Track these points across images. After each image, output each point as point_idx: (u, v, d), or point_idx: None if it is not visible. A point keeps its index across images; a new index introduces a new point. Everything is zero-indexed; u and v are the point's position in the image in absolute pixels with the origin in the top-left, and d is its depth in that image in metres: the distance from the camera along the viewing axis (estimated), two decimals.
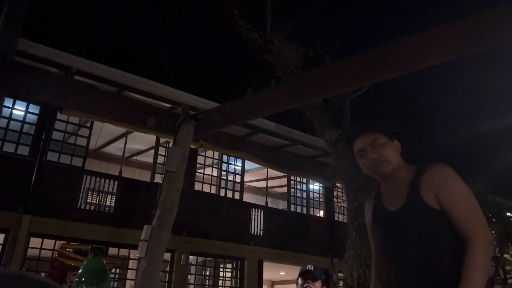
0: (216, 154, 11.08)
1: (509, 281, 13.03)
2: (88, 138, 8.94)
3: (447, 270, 1.54)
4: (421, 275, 1.58)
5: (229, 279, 10.83)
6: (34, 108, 8.41)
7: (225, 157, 11.21)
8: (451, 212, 1.56)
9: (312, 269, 2.81)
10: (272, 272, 12.40)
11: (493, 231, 7.02)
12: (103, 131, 9.10)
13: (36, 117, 8.40)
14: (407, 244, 1.64)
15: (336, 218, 12.80)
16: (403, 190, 1.68)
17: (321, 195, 13.09)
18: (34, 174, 7.98)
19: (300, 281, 2.83)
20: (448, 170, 1.63)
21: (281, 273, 13.06)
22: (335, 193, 13.10)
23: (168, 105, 9.05)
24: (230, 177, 11.21)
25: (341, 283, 11.82)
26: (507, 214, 7.59)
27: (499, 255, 8.12)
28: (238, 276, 10.66)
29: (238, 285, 10.56)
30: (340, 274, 11.44)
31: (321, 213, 13.09)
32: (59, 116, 8.52)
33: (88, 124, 9.07)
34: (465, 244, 1.50)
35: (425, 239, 1.60)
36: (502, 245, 7.19)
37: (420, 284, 1.58)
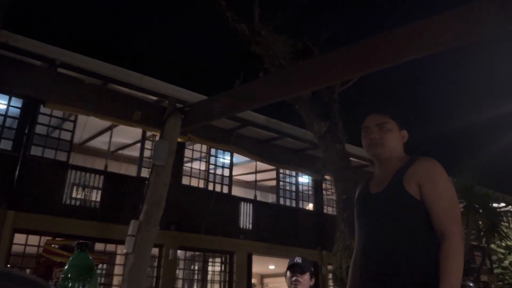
0: (204, 148, 11.00)
1: (495, 271, 13.29)
2: (73, 132, 8.78)
3: (411, 257, 1.58)
4: (385, 258, 1.63)
5: (218, 273, 10.81)
6: (16, 102, 8.21)
7: (213, 151, 11.14)
8: (432, 205, 1.61)
9: (300, 261, 2.79)
10: (262, 265, 12.43)
11: (480, 222, 7.12)
12: (88, 124, 8.95)
13: (18, 110, 8.21)
14: (378, 227, 1.70)
15: (325, 211, 12.86)
16: (388, 177, 1.74)
17: (310, 188, 13.12)
18: (18, 169, 7.82)
19: (288, 274, 2.81)
20: (436, 164, 1.68)
21: (270, 267, 13.10)
22: (324, 185, 13.15)
23: (155, 98, 8.93)
24: (219, 171, 11.15)
25: (330, 275, 11.92)
26: (494, 204, 7.71)
27: (485, 245, 8.26)
28: (227, 270, 10.64)
29: (227, 279, 10.55)
30: (329, 266, 11.53)
31: (310, 206, 13.13)
32: (43, 109, 8.33)
33: (73, 118, 8.90)
34: (440, 238, 1.55)
35: (396, 224, 1.65)
36: (488, 236, 7.30)
37: (382, 267, 1.63)
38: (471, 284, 2.29)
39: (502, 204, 8.82)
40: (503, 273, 13.12)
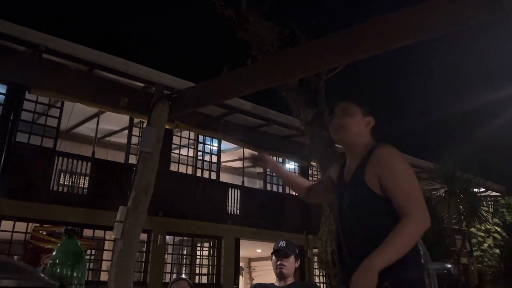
0: (192, 135, 11.00)
1: (474, 253, 13.68)
2: (59, 118, 8.69)
3: (371, 243, 1.59)
4: (354, 245, 1.71)
5: (206, 257, 10.94)
6: (1, 88, 8.08)
7: (201, 138, 11.15)
8: (391, 190, 1.63)
9: (284, 245, 2.86)
10: (249, 249, 12.59)
11: (460, 206, 7.31)
12: (74, 111, 8.87)
13: (3, 97, 8.09)
14: (348, 215, 1.77)
15: None
16: (354, 166, 1.79)
17: (296, 174, 13.24)
18: (3, 156, 7.74)
19: (274, 258, 2.88)
20: (391, 151, 1.71)
21: (257, 250, 13.28)
22: (310, 172, 13.28)
23: (142, 85, 8.87)
24: (207, 158, 11.18)
25: (315, 258, 12.14)
26: (474, 190, 7.90)
27: (466, 228, 8.49)
28: (215, 255, 10.77)
29: (215, 263, 10.69)
30: (315, 250, 11.74)
31: None
32: (28, 95, 8.22)
33: (59, 104, 8.79)
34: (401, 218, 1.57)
35: (360, 214, 1.70)
36: (468, 220, 7.50)
37: (350, 247, 1.72)
38: (449, 266, 2.39)
39: (482, 189, 9.06)
40: (482, 256, 13.53)
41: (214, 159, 11.36)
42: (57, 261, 1.54)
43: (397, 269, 1.53)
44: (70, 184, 8.87)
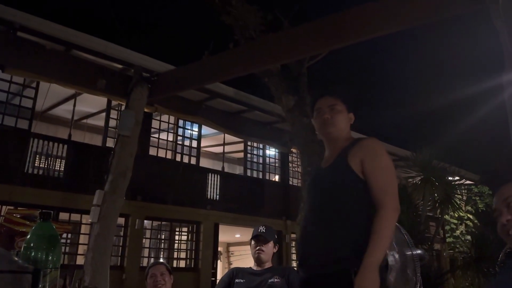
0: (172, 119, 10.88)
1: (447, 240, 14.12)
2: (34, 99, 8.45)
3: (346, 228, 1.73)
4: (322, 229, 1.78)
5: (185, 242, 10.95)
6: None
7: (181, 122, 11.04)
8: (372, 178, 1.75)
9: (264, 231, 2.89)
10: (228, 234, 12.66)
11: (435, 194, 7.49)
12: (50, 92, 8.61)
13: None
14: (319, 200, 1.86)
15: (290, 183, 13.13)
16: (335, 154, 1.90)
17: (276, 160, 13.31)
18: None
19: (253, 243, 2.90)
20: (378, 143, 1.85)
21: (236, 235, 13.37)
22: (290, 158, 13.36)
23: (120, 66, 8.67)
24: (187, 142, 11.10)
25: (293, 243, 12.31)
26: (449, 178, 8.10)
27: (439, 216, 8.73)
28: (194, 239, 10.80)
29: (193, 248, 10.72)
30: (293, 235, 11.90)
31: (277, 178, 13.36)
32: (1, 75, 7.95)
33: (34, 85, 8.55)
34: (377, 208, 1.70)
35: (334, 197, 1.79)
36: (443, 207, 7.70)
37: (319, 238, 1.78)
38: (420, 252, 2.47)
39: (457, 178, 9.30)
40: (454, 242, 13.99)
41: (194, 144, 11.29)
42: (32, 245, 1.51)
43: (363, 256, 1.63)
44: (45, 166, 8.68)
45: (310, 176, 2.04)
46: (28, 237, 1.55)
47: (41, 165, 8.75)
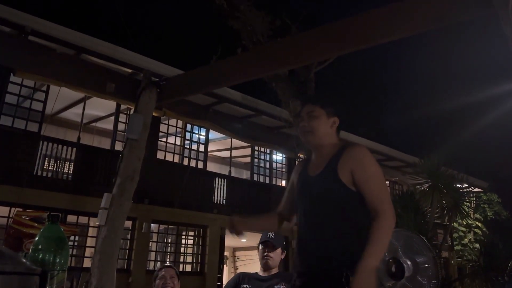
0: (180, 123, 10.93)
1: (455, 247, 13.97)
2: (44, 102, 8.54)
3: (341, 238, 1.74)
4: (317, 239, 1.80)
5: (191, 246, 10.95)
6: None
7: (189, 126, 11.09)
8: (365, 188, 1.76)
9: (272, 237, 2.88)
10: (234, 239, 12.63)
11: (443, 201, 7.43)
12: (60, 95, 8.70)
13: None
14: (311, 208, 1.85)
15: None
16: (323, 162, 1.88)
17: (283, 165, 13.29)
18: None
19: (260, 248, 2.90)
20: (365, 151, 1.84)
21: (242, 240, 13.33)
22: (297, 163, 13.34)
23: (129, 71, 8.74)
24: (194, 146, 11.14)
25: None
26: (457, 185, 8.03)
27: (447, 223, 8.64)
28: (200, 243, 10.80)
29: (200, 252, 10.72)
30: None
31: (283, 183, 13.33)
32: (13, 78, 8.05)
33: (44, 88, 8.64)
34: (373, 215, 1.71)
35: (327, 207, 1.79)
36: (450, 214, 7.63)
37: (314, 247, 1.80)
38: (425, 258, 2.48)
39: (465, 185, 9.22)
40: (462, 250, 13.82)
41: (202, 148, 11.32)
42: (40, 247, 1.52)
43: (356, 259, 1.63)
44: (54, 169, 8.76)
45: (300, 181, 2.00)
46: (36, 239, 1.56)
47: (50, 168, 8.82)
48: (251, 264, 12.25)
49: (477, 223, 14.47)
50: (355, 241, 1.70)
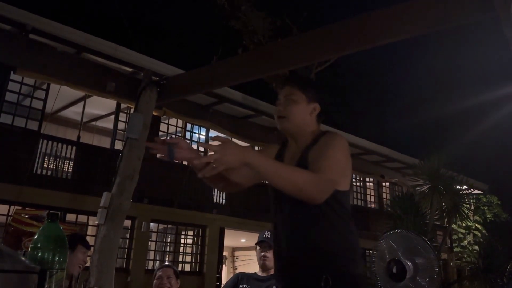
0: (180, 122, 10.92)
1: (454, 249, 13.96)
2: (44, 100, 8.54)
3: (316, 235, 1.55)
4: (292, 236, 1.61)
5: (190, 245, 10.95)
6: None
7: (189, 126, 11.09)
8: (316, 160, 1.53)
9: (269, 236, 2.88)
10: (233, 239, 12.64)
11: (443, 203, 7.43)
12: (60, 94, 8.71)
13: None
14: (287, 199, 1.59)
15: None
16: (299, 153, 1.67)
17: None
18: None
19: (258, 248, 2.90)
20: (336, 137, 1.61)
21: (241, 240, 13.34)
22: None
23: (130, 70, 8.74)
24: (194, 146, 11.13)
25: None
26: (457, 187, 8.03)
27: (447, 225, 8.64)
28: (200, 243, 10.80)
29: (199, 252, 10.71)
30: None
31: None
32: (13, 76, 8.05)
33: (44, 86, 8.63)
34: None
35: (301, 203, 1.52)
36: (450, 216, 7.63)
37: (289, 243, 1.61)
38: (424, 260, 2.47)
39: (465, 187, 9.22)
40: (461, 252, 13.82)
41: (202, 148, 11.32)
42: (39, 245, 1.51)
43: (338, 263, 1.52)
44: (54, 168, 8.75)
45: None
46: (35, 237, 1.56)
47: (49, 166, 8.82)
48: (250, 264, 12.23)
49: (476, 225, 14.46)
50: (331, 237, 1.55)
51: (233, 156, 1.34)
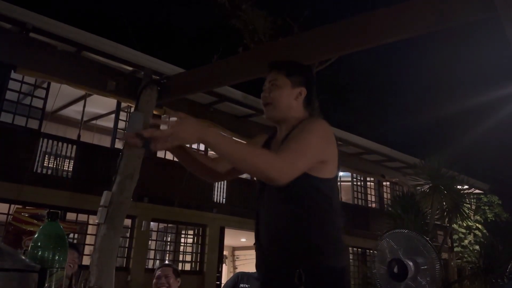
0: None
1: (455, 249, 13.96)
2: (45, 99, 8.54)
3: (297, 226, 1.50)
4: (272, 228, 1.58)
5: (190, 245, 10.96)
6: None
7: None
8: (288, 142, 1.46)
9: None
10: (233, 238, 12.65)
11: (444, 202, 7.42)
12: (61, 93, 8.71)
13: None
14: (269, 190, 1.59)
15: None
16: (280, 140, 1.63)
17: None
18: None
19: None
20: (316, 122, 1.54)
21: (242, 239, 13.34)
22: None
23: (130, 69, 8.73)
24: (194, 145, 11.14)
25: None
26: (458, 187, 8.02)
27: (448, 224, 8.63)
28: (200, 242, 10.80)
29: (199, 251, 10.72)
30: None
31: None
32: (13, 75, 8.05)
33: (45, 85, 8.64)
34: None
35: (281, 191, 1.49)
36: (451, 216, 7.62)
37: (270, 234, 1.59)
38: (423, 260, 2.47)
39: (466, 187, 9.20)
40: (462, 252, 13.82)
41: (202, 147, 11.32)
42: (39, 244, 1.51)
43: (314, 257, 1.46)
44: (54, 166, 8.76)
45: None
46: (35, 236, 1.56)
47: (50, 165, 8.83)
48: (250, 263, 12.23)
49: (477, 225, 14.46)
50: (307, 234, 1.48)
51: (190, 133, 1.29)
